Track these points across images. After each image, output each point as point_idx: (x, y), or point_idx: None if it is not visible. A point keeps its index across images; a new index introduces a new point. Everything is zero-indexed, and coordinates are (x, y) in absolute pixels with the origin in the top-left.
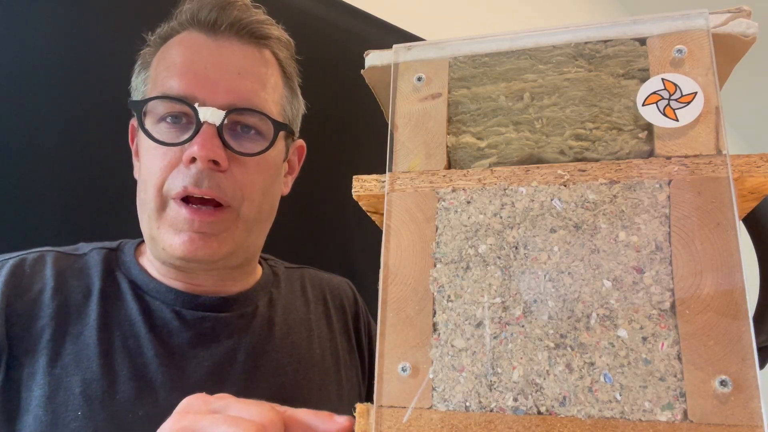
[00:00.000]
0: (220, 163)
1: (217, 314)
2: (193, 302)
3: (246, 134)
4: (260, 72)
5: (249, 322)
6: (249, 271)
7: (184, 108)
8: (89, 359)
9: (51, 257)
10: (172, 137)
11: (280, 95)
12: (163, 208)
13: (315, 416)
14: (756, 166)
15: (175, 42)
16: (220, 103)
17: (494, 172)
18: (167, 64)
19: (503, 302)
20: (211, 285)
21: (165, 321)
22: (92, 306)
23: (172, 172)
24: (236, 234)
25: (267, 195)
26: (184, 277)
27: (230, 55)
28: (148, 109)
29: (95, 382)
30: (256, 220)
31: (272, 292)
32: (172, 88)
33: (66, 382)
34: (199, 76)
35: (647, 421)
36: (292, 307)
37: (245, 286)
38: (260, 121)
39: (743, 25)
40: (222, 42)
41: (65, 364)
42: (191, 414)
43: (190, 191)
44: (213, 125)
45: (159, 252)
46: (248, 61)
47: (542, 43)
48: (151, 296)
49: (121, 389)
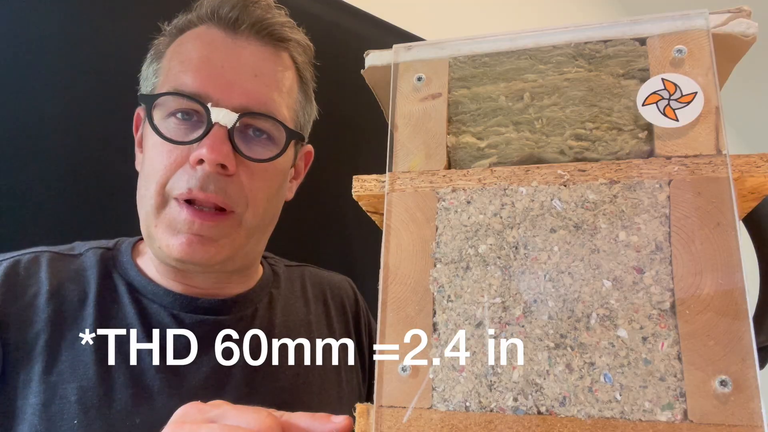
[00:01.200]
0: (228, 168)
1: (216, 317)
2: (191, 305)
3: (257, 138)
4: (277, 75)
5: (248, 324)
6: (249, 273)
7: (196, 106)
8: (85, 366)
9: (46, 259)
10: (181, 135)
11: (295, 100)
12: (163, 206)
13: (312, 419)
14: (756, 166)
15: (191, 35)
16: (234, 104)
17: (494, 172)
18: (182, 57)
19: (503, 302)
20: (209, 287)
21: (163, 326)
22: (88, 310)
23: (177, 172)
24: (236, 240)
25: (271, 202)
26: (183, 278)
27: (248, 56)
28: (158, 103)
29: (91, 390)
30: (258, 227)
31: (272, 293)
32: (185, 85)
33: (62, 390)
34: (214, 74)
35: (647, 421)
36: (292, 308)
37: (245, 288)
38: (273, 126)
39: (743, 25)
40: (241, 41)
41: (61, 371)
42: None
43: (195, 195)
44: (224, 127)
45: (156, 251)
46: (265, 64)
47: (542, 43)
48: (149, 299)
49: (118, 397)
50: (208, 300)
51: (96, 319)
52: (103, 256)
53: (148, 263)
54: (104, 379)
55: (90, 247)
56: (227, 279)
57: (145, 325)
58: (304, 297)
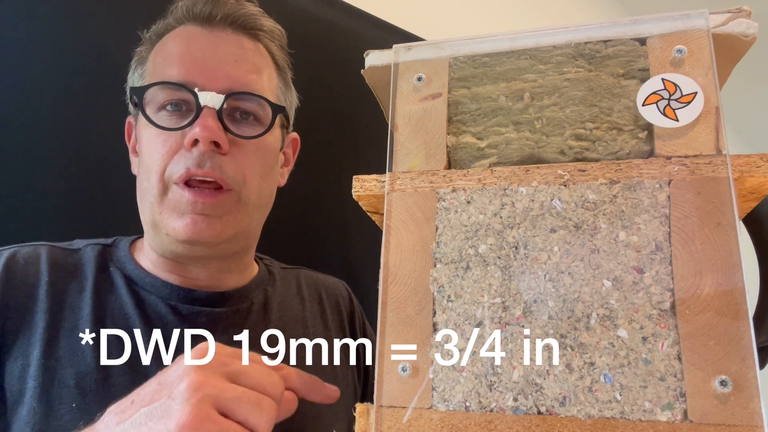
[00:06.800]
0: (221, 145)
1: (213, 309)
2: (188, 297)
3: (245, 120)
4: (255, 60)
5: (244, 317)
6: (245, 264)
7: (184, 94)
8: (83, 352)
9: (45, 250)
10: (173, 123)
11: (275, 85)
12: (166, 192)
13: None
14: (756, 166)
15: (171, 36)
16: (219, 87)
17: (494, 172)
18: (165, 55)
19: (503, 302)
20: (206, 279)
21: (160, 315)
22: (86, 300)
23: (174, 157)
24: (238, 217)
25: (266, 180)
26: (180, 270)
27: (226, 44)
28: (147, 99)
29: (89, 375)
30: (257, 205)
31: (267, 290)
32: (171, 76)
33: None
34: (197, 63)
35: (647, 421)
36: (288, 304)
37: (241, 282)
38: (258, 105)
39: (743, 25)
40: (217, 32)
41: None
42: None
43: (193, 172)
44: (213, 109)
45: (162, 239)
46: (243, 50)
47: (542, 43)
48: (146, 290)
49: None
50: (204, 292)
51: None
52: (101, 251)
53: (145, 258)
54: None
55: (88, 243)
56: (225, 269)
57: (141, 314)
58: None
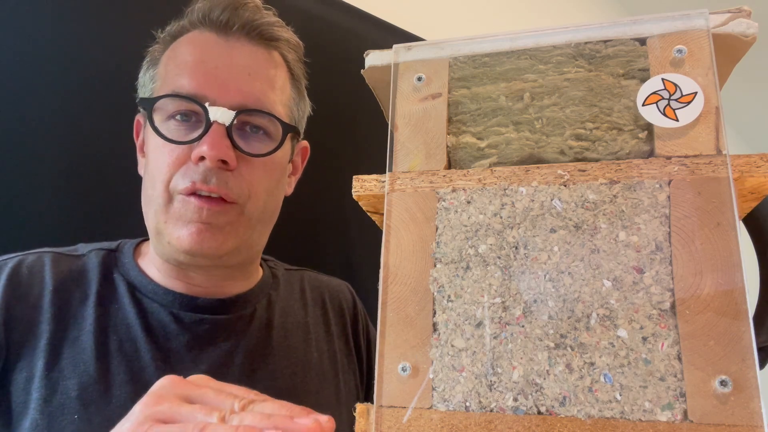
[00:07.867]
0: (228, 163)
1: (215, 316)
2: (191, 304)
3: (254, 134)
4: (269, 73)
5: (247, 324)
6: (249, 271)
7: (195, 107)
8: (86, 363)
9: (49, 259)
10: (181, 135)
11: (288, 97)
12: (171, 202)
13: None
14: (756, 166)
15: (185, 40)
16: (230, 103)
17: (494, 172)
18: (177, 62)
19: (503, 302)
20: (210, 286)
21: (162, 324)
22: (89, 310)
23: (180, 169)
24: (240, 230)
25: (272, 195)
26: (184, 276)
27: (240, 56)
28: (157, 107)
29: (92, 386)
30: (260, 219)
31: (271, 295)
32: (182, 87)
33: (63, 386)
34: (210, 75)
35: (647, 421)
36: (291, 310)
37: (244, 288)
38: (269, 122)
39: (743, 25)
40: (233, 42)
41: (62, 368)
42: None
43: (198, 187)
44: (222, 125)
45: (164, 247)
46: (258, 63)
47: (542, 43)
48: (149, 298)
49: (118, 393)
50: (207, 299)
51: (96, 318)
52: (106, 257)
53: (149, 263)
54: (104, 376)
55: (93, 249)
56: (228, 276)
57: (144, 323)
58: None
